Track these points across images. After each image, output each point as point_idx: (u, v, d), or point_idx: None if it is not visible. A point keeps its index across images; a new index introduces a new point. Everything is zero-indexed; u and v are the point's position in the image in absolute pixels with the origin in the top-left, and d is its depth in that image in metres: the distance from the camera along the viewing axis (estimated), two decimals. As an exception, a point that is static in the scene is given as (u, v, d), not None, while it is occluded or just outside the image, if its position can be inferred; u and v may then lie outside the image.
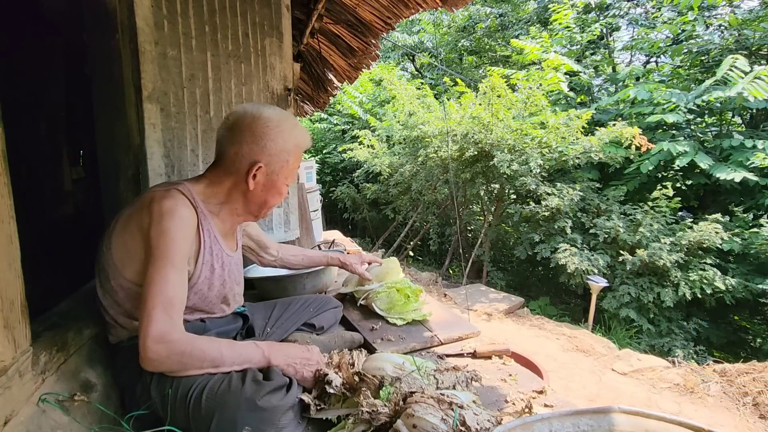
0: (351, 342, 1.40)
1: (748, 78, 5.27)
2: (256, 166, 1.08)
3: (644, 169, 5.96)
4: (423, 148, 6.88)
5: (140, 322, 0.93)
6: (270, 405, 0.94)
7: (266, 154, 1.09)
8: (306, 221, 2.55)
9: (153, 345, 0.91)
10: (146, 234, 1.00)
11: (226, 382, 0.96)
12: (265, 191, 1.13)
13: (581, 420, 0.79)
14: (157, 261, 0.96)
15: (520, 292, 6.50)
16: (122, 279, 1.03)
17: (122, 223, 1.05)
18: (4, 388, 0.79)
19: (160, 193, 1.04)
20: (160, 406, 0.99)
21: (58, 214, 3.03)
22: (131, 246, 1.02)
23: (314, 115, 9.08)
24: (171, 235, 0.98)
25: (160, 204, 1.00)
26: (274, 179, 1.12)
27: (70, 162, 3.19)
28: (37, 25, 2.68)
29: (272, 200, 1.16)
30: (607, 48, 8.81)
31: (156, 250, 0.97)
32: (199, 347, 0.97)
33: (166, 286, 0.95)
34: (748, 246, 5.36)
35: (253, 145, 1.08)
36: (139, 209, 1.03)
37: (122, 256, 1.03)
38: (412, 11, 2.67)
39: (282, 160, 1.11)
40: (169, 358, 0.93)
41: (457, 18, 11.15)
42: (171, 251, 0.98)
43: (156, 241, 0.98)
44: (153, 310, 0.92)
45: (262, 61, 1.91)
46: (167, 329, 0.93)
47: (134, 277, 1.02)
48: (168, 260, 0.97)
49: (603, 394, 3.12)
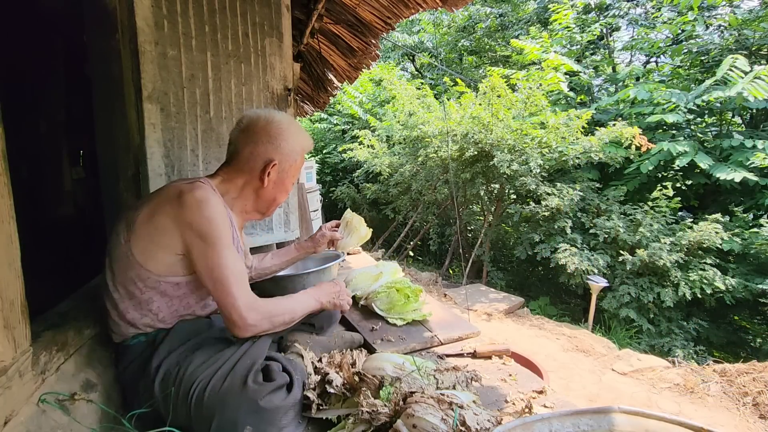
0: (351, 342, 1.40)
1: (748, 78, 5.27)
2: (271, 164, 1.16)
3: (644, 169, 5.96)
4: (423, 148, 6.88)
5: (224, 303, 1.02)
6: (272, 405, 0.94)
7: (280, 153, 1.17)
8: (306, 221, 2.55)
9: (247, 314, 1.02)
10: (185, 225, 1.02)
11: (228, 381, 0.96)
12: (275, 189, 1.21)
13: (581, 420, 0.79)
14: (215, 245, 1.03)
15: (520, 292, 6.50)
16: (142, 271, 1.04)
17: (145, 216, 1.05)
18: (4, 388, 0.79)
19: (187, 186, 1.07)
20: (162, 404, 0.99)
21: (58, 214, 3.03)
22: (160, 239, 1.03)
23: (314, 115, 9.08)
24: (216, 220, 1.04)
25: (193, 195, 1.04)
26: (284, 177, 1.20)
27: (70, 162, 3.19)
28: (37, 25, 2.68)
29: (280, 198, 1.24)
30: (607, 48, 8.81)
31: (207, 236, 1.03)
32: (279, 306, 1.11)
33: (233, 265, 1.04)
34: (748, 246, 5.36)
35: (268, 145, 1.16)
36: (166, 202, 1.05)
37: (147, 248, 1.04)
38: (412, 11, 2.67)
39: (292, 159, 1.20)
40: (262, 321, 1.05)
41: (457, 18, 11.15)
42: (221, 234, 1.04)
43: (204, 229, 1.02)
44: (232, 287, 1.02)
45: (262, 61, 1.91)
46: (251, 299, 1.05)
47: (161, 268, 1.04)
48: (222, 242, 1.04)
49: (603, 394, 3.12)
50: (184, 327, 1.11)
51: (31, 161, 2.72)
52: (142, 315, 1.07)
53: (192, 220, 1.02)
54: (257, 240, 2.04)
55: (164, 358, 1.03)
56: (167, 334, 1.08)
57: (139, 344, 1.07)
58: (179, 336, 1.07)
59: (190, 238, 1.03)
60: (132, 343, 1.07)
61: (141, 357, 1.06)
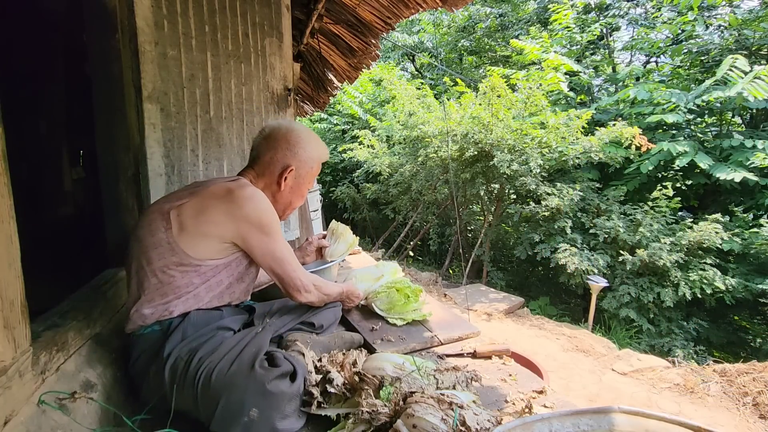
0: (351, 342, 1.39)
1: (748, 78, 5.28)
2: (288, 169, 1.26)
3: (644, 169, 5.96)
4: (423, 148, 6.88)
5: (289, 276, 1.22)
6: (278, 390, 0.98)
7: (297, 160, 1.28)
8: (306, 221, 2.55)
9: (308, 283, 1.26)
10: (241, 219, 1.13)
11: (236, 365, 1.00)
12: (291, 193, 1.32)
13: (581, 420, 0.79)
14: (271, 233, 1.17)
15: (520, 292, 6.50)
16: (185, 257, 1.11)
17: (192, 211, 1.13)
18: (4, 388, 0.79)
19: (234, 183, 1.18)
20: (169, 388, 1.02)
21: (58, 214, 3.03)
22: (209, 230, 1.12)
23: (314, 115, 9.09)
24: (269, 211, 1.18)
25: (244, 191, 1.15)
26: (300, 183, 1.31)
27: (70, 162, 3.18)
28: (38, 24, 2.68)
29: (296, 202, 1.35)
30: (607, 48, 8.81)
31: (264, 226, 1.15)
32: (328, 286, 1.38)
33: (287, 247, 1.22)
34: (748, 246, 5.36)
35: (287, 152, 1.27)
36: (214, 198, 1.14)
37: (194, 238, 1.12)
38: (412, 11, 2.67)
39: (308, 166, 1.31)
40: (319, 298, 1.33)
41: (457, 18, 11.15)
42: (274, 223, 1.18)
43: (261, 220, 1.15)
44: (293, 272, 1.23)
45: (262, 61, 1.91)
46: (307, 281, 1.26)
47: (207, 253, 1.13)
48: (277, 230, 1.19)
49: (603, 394, 3.12)
50: (197, 316, 1.14)
51: (31, 161, 2.72)
52: (173, 299, 1.11)
53: (248, 213, 1.13)
54: (257, 240, 2.04)
55: (176, 346, 1.07)
56: (181, 322, 1.11)
57: (153, 333, 1.11)
58: (193, 325, 1.11)
59: (247, 229, 1.14)
60: (146, 331, 1.10)
61: (153, 346, 1.09)
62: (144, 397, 1.09)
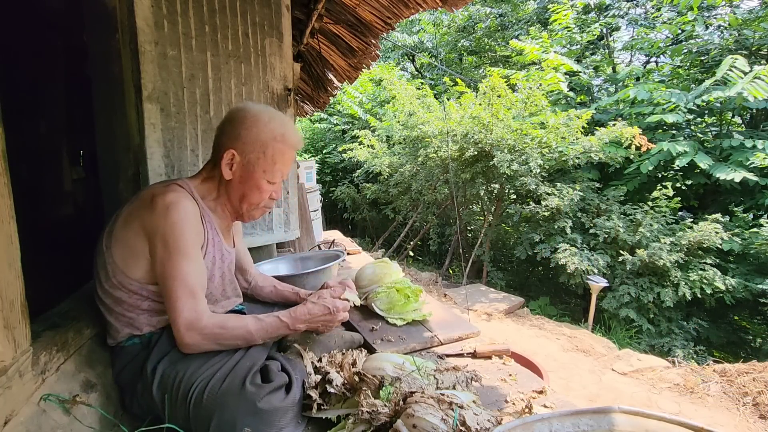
0: (351, 342, 1.39)
1: (748, 78, 5.28)
2: (228, 153, 1.09)
3: (644, 169, 5.96)
4: (423, 148, 6.88)
5: (169, 315, 0.99)
6: (270, 406, 0.94)
7: (240, 142, 1.09)
8: (306, 221, 2.55)
9: (186, 333, 0.98)
10: (152, 230, 1.00)
11: (227, 382, 0.96)
12: (242, 184, 1.12)
13: (581, 420, 0.79)
14: (171, 254, 0.99)
15: (520, 292, 6.50)
16: (124, 277, 1.03)
17: (122, 221, 1.05)
18: (4, 388, 0.79)
19: (160, 188, 1.05)
20: (160, 406, 0.99)
21: (58, 214, 3.03)
22: (134, 244, 1.02)
23: (314, 115, 9.08)
24: (180, 227, 1.00)
25: (163, 198, 1.01)
26: (251, 171, 1.11)
27: (70, 162, 3.18)
28: (38, 25, 2.68)
29: (251, 195, 1.13)
30: (607, 48, 8.81)
31: (168, 243, 0.99)
32: (229, 328, 1.02)
33: (185, 277, 0.99)
34: (748, 246, 5.36)
35: (229, 134, 1.11)
36: (139, 207, 1.04)
37: (124, 254, 1.03)
38: (412, 11, 2.66)
39: (257, 150, 1.10)
40: (204, 342, 1.00)
41: (457, 18, 11.15)
42: (183, 242, 1.00)
43: (166, 235, 0.99)
44: (177, 302, 0.98)
45: (262, 61, 1.91)
46: (194, 317, 0.98)
47: (140, 274, 1.03)
48: (182, 252, 1.00)
49: (603, 394, 3.12)
50: None
51: (31, 161, 2.72)
52: (134, 317, 1.06)
53: (158, 224, 0.99)
54: (257, 240, 2.04)
55: (159, 361, 1.02)
56: (161, 336, 1.06)
57: (134, 346, 1.06)
58: (172, 339, 1.05)
59: (155, 243, 1.00)
60: (127, 344, 1.07)
61: (136, 359, 1.05)
62: (133, 410, 1.05)
